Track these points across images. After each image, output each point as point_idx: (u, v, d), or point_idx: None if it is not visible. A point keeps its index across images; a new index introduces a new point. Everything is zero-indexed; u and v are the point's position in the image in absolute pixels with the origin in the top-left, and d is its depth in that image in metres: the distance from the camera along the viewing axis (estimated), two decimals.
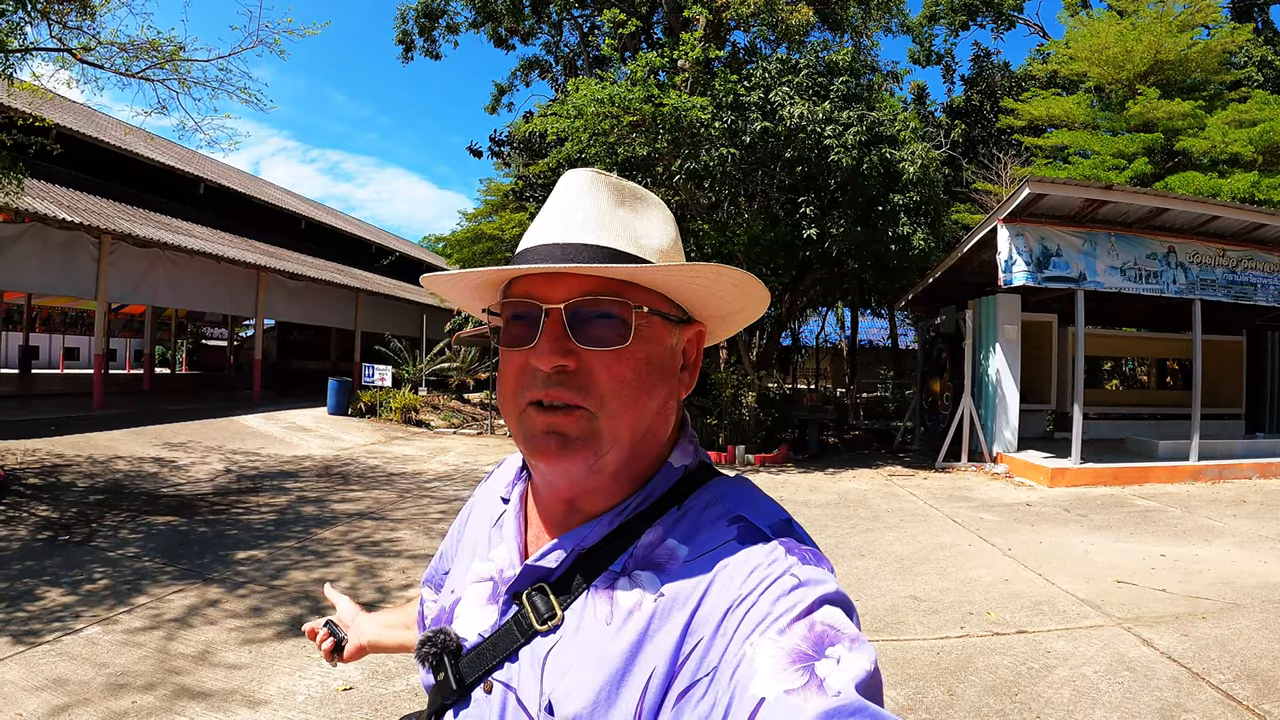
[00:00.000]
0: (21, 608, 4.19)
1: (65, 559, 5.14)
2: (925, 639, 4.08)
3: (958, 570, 5.53)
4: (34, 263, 13.02)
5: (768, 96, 9.84)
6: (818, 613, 0.55)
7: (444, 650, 0.71)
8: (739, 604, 0.58)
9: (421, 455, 11.28)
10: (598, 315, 0.66)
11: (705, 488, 0.71)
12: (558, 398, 0.65)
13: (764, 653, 0.53)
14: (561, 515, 0.72)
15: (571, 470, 0.67)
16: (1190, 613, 4.47)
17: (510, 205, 19.93)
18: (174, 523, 6.38)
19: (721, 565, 0.62)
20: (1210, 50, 14.45)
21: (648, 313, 0.67)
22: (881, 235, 10.17)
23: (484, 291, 0.76)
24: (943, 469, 10.71)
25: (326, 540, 5.96)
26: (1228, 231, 10.25)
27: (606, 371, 0.65)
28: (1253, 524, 7.22)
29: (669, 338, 0.71)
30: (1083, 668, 3.65)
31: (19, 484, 7.43)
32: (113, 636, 3.82)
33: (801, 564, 0.60)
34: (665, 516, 0.68)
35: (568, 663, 0.63)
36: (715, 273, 0.68)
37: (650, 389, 0.68)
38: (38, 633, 3.83)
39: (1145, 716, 3.15)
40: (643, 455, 0.70)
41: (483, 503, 0.87)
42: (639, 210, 0.72)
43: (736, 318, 0.79)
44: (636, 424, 0.67)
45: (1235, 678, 3.51)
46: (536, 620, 0.66)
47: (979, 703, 3.29)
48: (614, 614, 0.63)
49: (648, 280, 0.68)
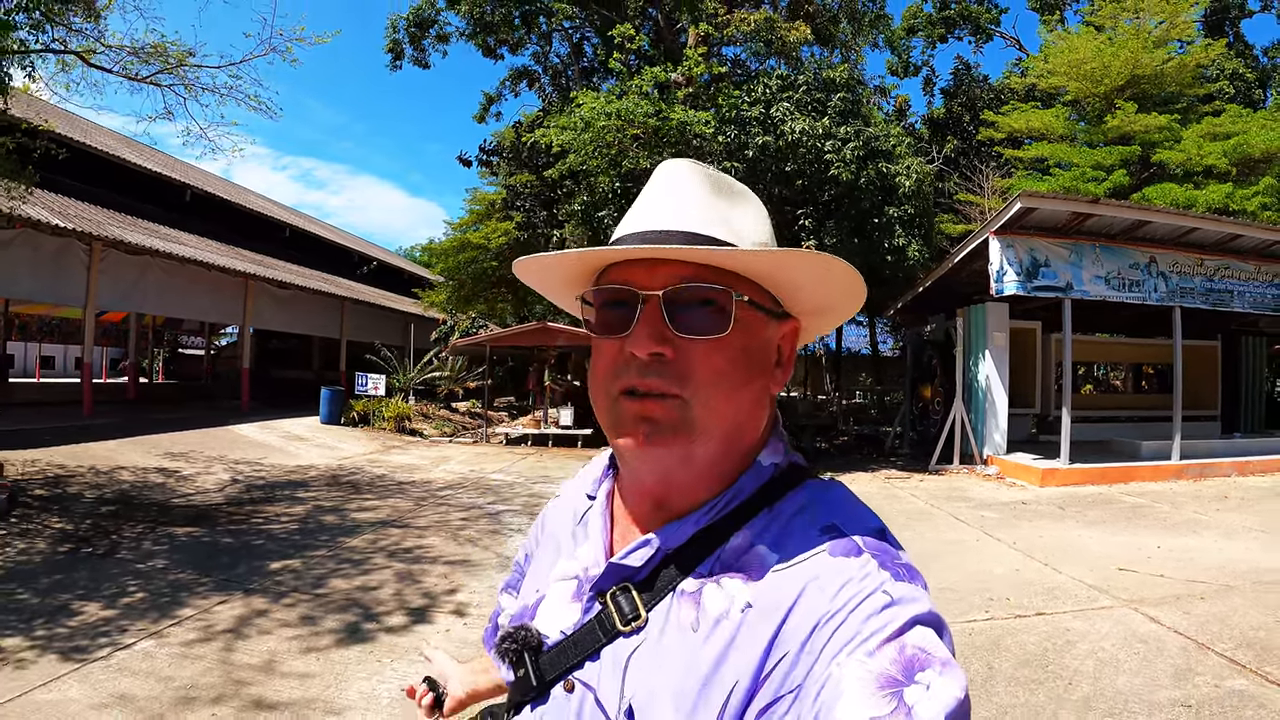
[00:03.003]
0: (61, 623, 4.12)
1: (92, 572, 5.10)
2: (955, 622, 4.37)
3: (970, 563, 5.85)
4: (24, 269, 12.82)
5: (769, 111, 10.16)
6: (909, 634, 0.54)
7: (525, 646, 0.70)
8: (828, 620, 0.56)
9: (424, 464, 11.34)
10: (697, 303, 0.65)
11: (798, 490, 0.69)
12: (653, 386, 0.64)
13: (851, 675, 0.52)
14: (649, 513, 0.71)
15: (663, 459, 0.66)
16: (1188, 594, 4.84)
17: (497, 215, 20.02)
18: (195, 534, 6.36)
19: (811, 577, 0.60)
20: (1185, 65, 15.03)
21: (747, 303, 0.66)
22: (878, 246, 10.52)
23: (573, 281, 0.75)
24: (936, 471, 11.03)
25: (357, 549, 6.02)
26: (1206, 242, 10.71)
27: (703, 360, 0.64)
28: (1236, 517, 7.66)
29: (765, 330, 0.69)
30: (1101, 642, 3.99)
31: (26, 495, 7.31)
32: (168, 650, 3.80)
33: (894, 580, 0.58)
34: (755, 520, 0.67)
35: (651, 667, 0.62)
36: (825, 263, 0.67)
37: (746, 381, 0.67)
38: (85, 649, 3.76)
39: (1163, 680, 3.50)
40: (734, 451, 0.69)
41: (566, 500, 0.86)
42: (735, 201, 0.71)
43: (831, 315, 0.77)
44: (730, 416, 0.66)
45: (1236, 646, 3.87)
46: (620, 620, 0.65)
47: (1015, 674, 3.61)
48: (700, 620, 0.62)
49: (748, 269, 0.67)
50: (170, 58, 8.81)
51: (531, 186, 18.28)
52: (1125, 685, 3.43)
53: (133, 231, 15.23)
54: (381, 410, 15.96)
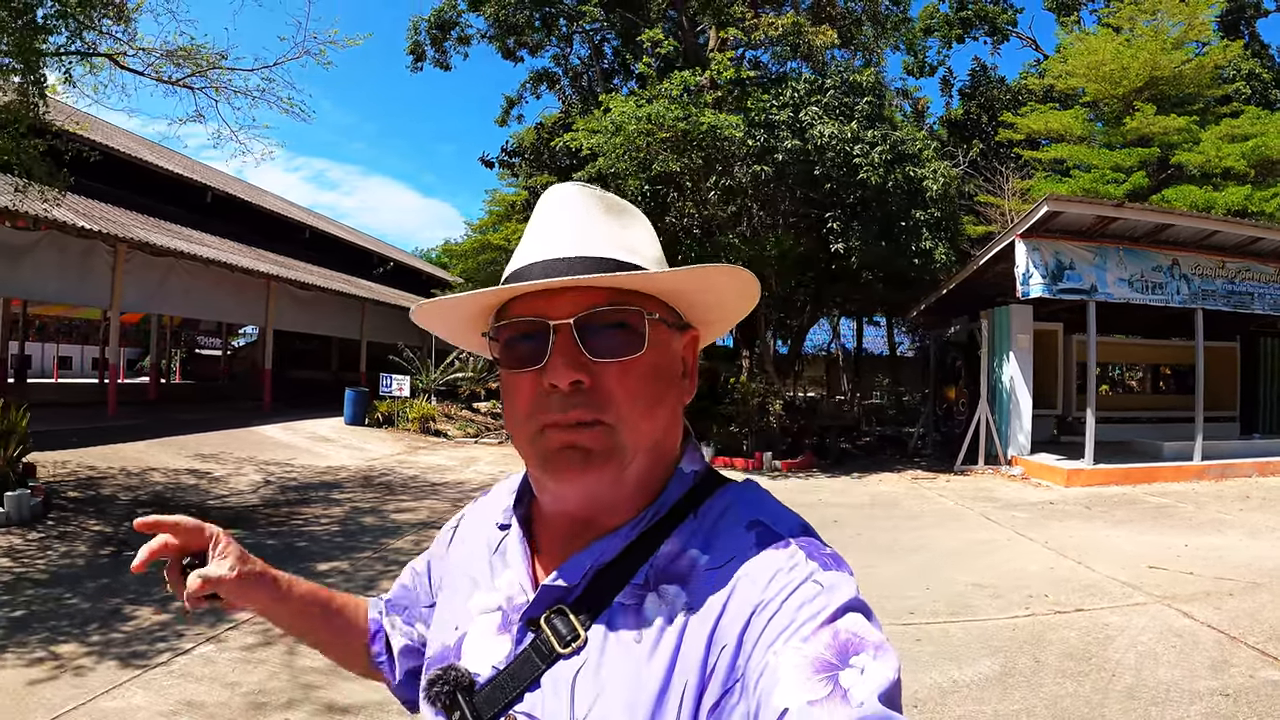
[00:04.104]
0: (115, 628, 4.08)
1: (140, 576, 5.10)
2: (999, 618, 4.55)
3: (1005, 561, 5.99)
4: (51, 271, 12.89)
5: (798, 116, 10.30)
6: (841, 620, 0.55)
7: (456, 687, 0.67)
8: (761, 609, 0.57)
9: (454, 465, 11.48)
10: (609, 326, 0.65)
11: (718, 494, 0.70)
12: (578, 416, 0.64)
13: (788, 661, 0.53)
14: (575, 534, 0.69)
15: (595, 486, 0.66)
16: (1218, 591, 5.01)
17: (517, 216, 20.19)
18: (237, 536, 6.16)
19: (742, 571, 0.61)
20: (1203, 67, 15.07)
21: (657, 320, 0.67)
22: (905, 249, 10.66)
23: (477, 319, 0.74)
24: (961, 472, 11.14)
25: (403, 550, 6.10)
26: (1227, 245, 10.80)
27: (620, 383, 0.64)
28: (1259, 517, 7.78)
29: (673, 344, 0.70)
30: (1139, 636, 4.16)
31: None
32: (229, 655, 3.77)
33: (823, 569, 0.59)
34: (682, 526, 0.67)
35: (599, 685, 0.61)
36: (729, 274, 0.69)
37: (661, 397, 0.68)
38: (145, 654, 3.73)
39: (1200, 671, 3.67)
40: (658, 465, 0.70)
41: (475, 532, 0.83)
42: (627, 221, 0.71)
43: (726, 319, 0.78)
44: (651, 433, 0.67)
45: (1267, 639, 4.05)
46: (558, 643, 0.64)
47: (1061, 666, 3.77)
48: (642, 632, 0.62)
49: (653, 288, 0.68)
50: (201, 60, 8.82)
51: None
52: (1166, 676, 3.60)
53: (157, 233, 15.34)
54: (406, 411, 16.06)
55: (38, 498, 6.63)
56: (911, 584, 5.29)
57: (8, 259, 12.09)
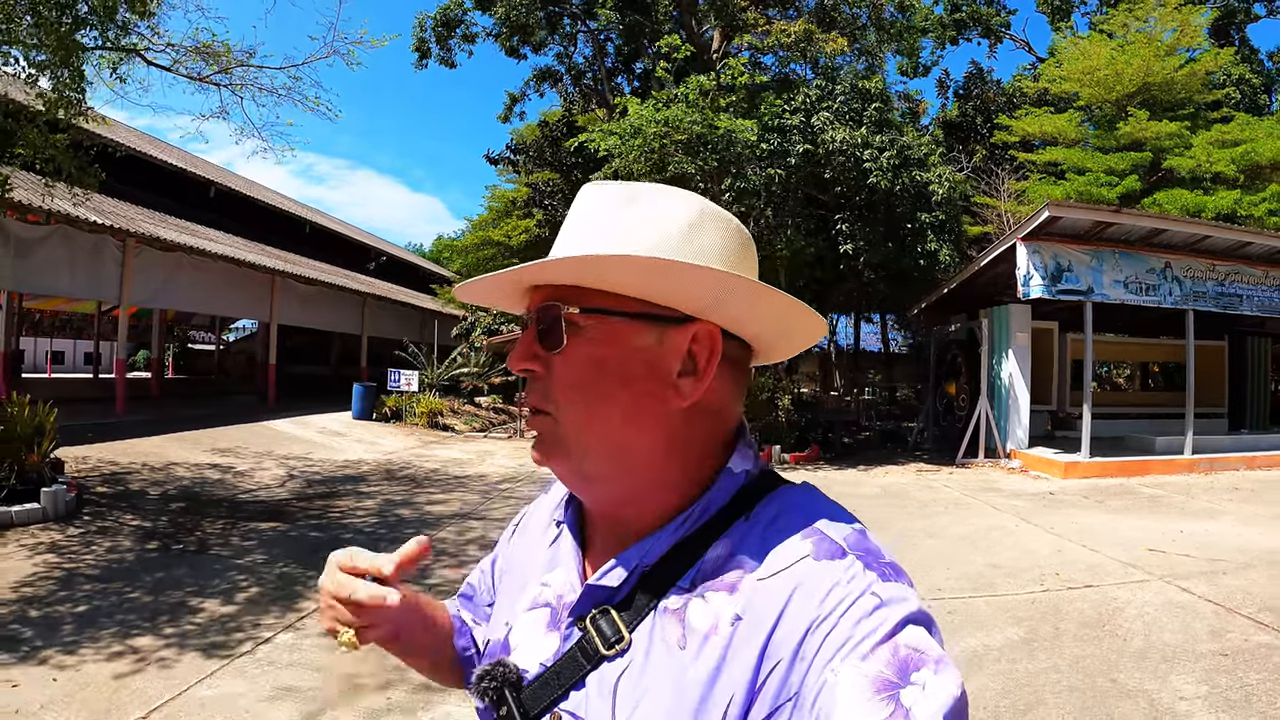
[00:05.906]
0: (186, 621, 4.14)
1: (193, 569, 5.13)
2: (1018, 594, 5.02)
3: (1015, 544, 6.43)
4: (61, 266, 12.90)
5: (809, 121, 10.63)
6: (901, 634, 0.53)
7: (505, 683, 0.67)
8: (818, 625, 0.55)
9: (470, 459, 11.71)
10: (551, 319, 0.64)
11: (772, 497, 0.67)
12: (531, 403, 0.67)
13: (847, 680, 0.51)
14: (616, 533, 0.68)
15: (563, 474, 0.68)
16: (1213, 570, 5.50)
17: (517, 212, 20.41)
18: (280, 529, 6.51)
19: (797, 583, 0.58)
20: (1195, 73, 15.47)
21: (580, 312, 0.63)
22: (910, 250, 11.04)
23: (512, 298, 0.74)
24: (963, 465, 11.55)
25: (448, 540, 6.29)
26: (1218, 248, 11.25)
27: (560, 376, 0.64)
28: (1249, 506, 8.26)
29: (634, 338, 0.64)
30: (1145, 607, 4.65)
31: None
32: (310, 641, 3.86)
33: (882, 580, 0.57)
34: (732, 529, 0.64)
35: (641, 689, 0.60)
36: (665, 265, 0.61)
37: (604, 394, 0.64)
38: (225, 645, 3.81)
39: (1201, 635, 4.18)
40: (636, 469, 0.66)
41: (534, 524, 0.84)
42: (632, 209, 0.65)
43: (789, 334, 0.73)
44: (598, 432, 0.64)
45: (1259, 610, 4.56)
46: (602, 644, 0.63)
47: (1079, 633, 4.25)
48: (687, 637, 0.60)
49: (579, 278, 0.64)
50: (225, 58, 8.86)
51: (555, 184, 18.66)
52: (1171, 640, 4.10)
53: (165, 228, 15.41)
54: (413, 406, 16.23)
55: (71, 494, 6.64)
56: (933, 566, 5.66)
57: (19, 253, 12.08)
